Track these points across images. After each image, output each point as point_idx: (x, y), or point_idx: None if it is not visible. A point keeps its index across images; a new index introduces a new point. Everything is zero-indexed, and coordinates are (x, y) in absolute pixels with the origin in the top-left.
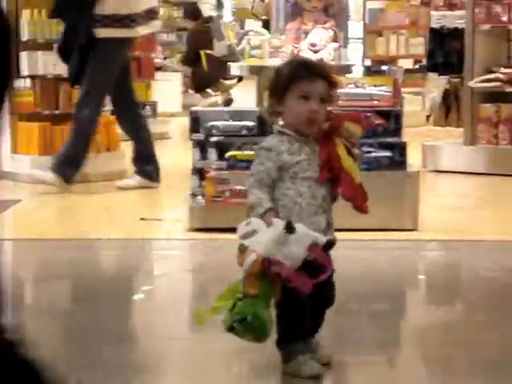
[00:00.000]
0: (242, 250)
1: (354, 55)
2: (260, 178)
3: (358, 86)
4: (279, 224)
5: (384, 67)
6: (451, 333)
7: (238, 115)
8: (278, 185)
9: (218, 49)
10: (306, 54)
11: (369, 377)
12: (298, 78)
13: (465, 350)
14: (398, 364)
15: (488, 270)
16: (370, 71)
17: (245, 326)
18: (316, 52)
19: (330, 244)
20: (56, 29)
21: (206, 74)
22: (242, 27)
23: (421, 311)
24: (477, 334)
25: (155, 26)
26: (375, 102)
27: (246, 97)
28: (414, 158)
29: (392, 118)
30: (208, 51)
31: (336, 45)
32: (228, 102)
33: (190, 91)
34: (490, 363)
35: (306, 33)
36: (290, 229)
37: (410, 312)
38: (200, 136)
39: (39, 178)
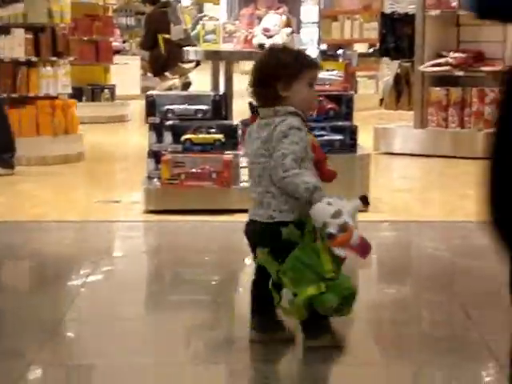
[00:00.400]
0: (344, 227)
1: (310, 39)
2: (296, 157)
3: None
4: (354, 199)
5: (340, 51)
6: (402, 311)
7: (194, 99)
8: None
9: (175, 32)
10: (260, 39)
11: (322, 355)
12: (307, 66)
13: (415, 328)
14: (350, 342)
15: (436, 249)
16: (325, 55)
17: (351, 300)
18: (270, 37)
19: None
20: (14, 13)
21: (163, 58)
22: (201, 11)
23: (371, 290)
24: (426, 312)
25: (17, 8)
26: (327, 87)
27: (202, 81)
28: (366, 141)
29: (343, 102)
30: (165, 35)
31: (289, 30)
32: (186, 86)
33: (149, 74)
34: (439, 340)
35: (260, 18)
36: (366, 202)
37: (361, 291)
38: (156, 119)
39: None
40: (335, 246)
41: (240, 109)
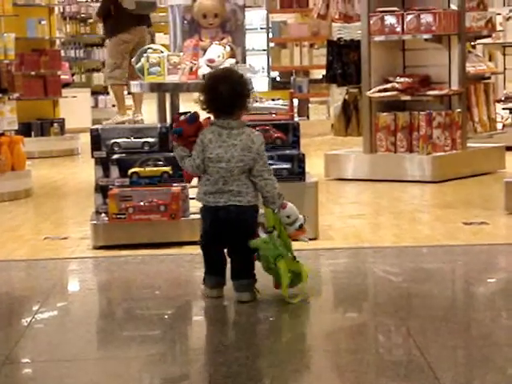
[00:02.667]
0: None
1: (261, 67)
2: None
3: (256, 101)
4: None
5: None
6: (360, 337)
7: (140, 132)
8: None
9: (127, 1)
10: (205, 70)
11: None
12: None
13: (375, 354)
14: (311, 372)
15: (388, 274)
16: (276, 82)
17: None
18: (214, 68)
19: None
20: None
21: (114, 19)
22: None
23: (327, 318)
24: (385, 337)
25: None
26: (273, 116)
27: (148, 113)
28: (318, 167)
29: (290, 131)
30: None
31: (233, 60)
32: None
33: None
34: (398, 365)
35: (204, 49)
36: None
37: (316, 320)
38: (102, 153)
39: None
40: (302, 234)
41: None
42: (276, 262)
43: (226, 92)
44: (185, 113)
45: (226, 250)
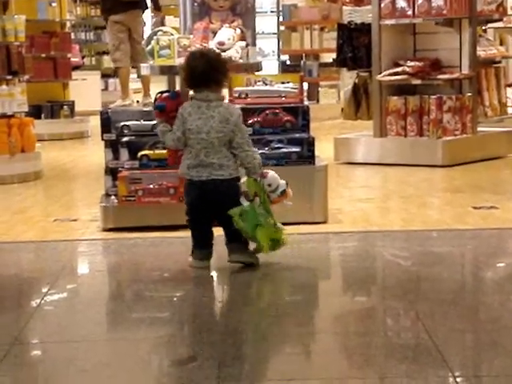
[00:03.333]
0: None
1: (271, 50)
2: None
3: (266, 84)
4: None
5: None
6: (368, 320)
7: (150, 114)
8: None
9: None
10: None
11: (288, 367)
12: None
13: (383, 337)
14: (319, 354)
15: (397, 257)
16: (286, 66)
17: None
18: (224, 51)
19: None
20: None
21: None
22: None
23: (336, 301)
24: (394, 320)
25: None
26: (282, 99)
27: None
28: (327, 151)
29: (300, 114)
30: None
31: (243, 43)
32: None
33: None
34: (407, 348)
35: (214, 32)
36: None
37: (326, 302)
38: (111, 136)
39: None
40: (285, 198)
41: None
42: (255, 231)
43: (202, 67)
44: (167, 91)
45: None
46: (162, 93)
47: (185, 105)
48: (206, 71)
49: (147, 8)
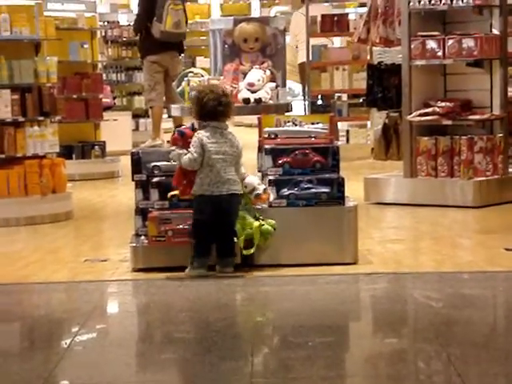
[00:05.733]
0: (265, 191)
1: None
2: None
3: (295, 124)
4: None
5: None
6: (399, 363)
7: None
8: None
9: (154, 29)
10: (245, 93)
11: None
12: None
13: (415, 381)
14: None
15: (428, 300)
16: (316, 106)
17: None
18: (254, 92)
19: None
20: None
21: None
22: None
23: (367, 344)
24: (425, 364)
25: None
26: (313, 139)
27: None
28: (357, 191)
29: (330, 154)
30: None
31: (273, 84)
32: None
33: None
34: None
35: (244, 73)
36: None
37: (356, 345)
38: (142, 176)
39: None
40: (261, 201)
41: None
42: (246, 222)
43: (213, 102)
44: (183, 125)
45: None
46: (181, 125)
47: (200, 131)
48: (218, 105)
49: (183, 50)
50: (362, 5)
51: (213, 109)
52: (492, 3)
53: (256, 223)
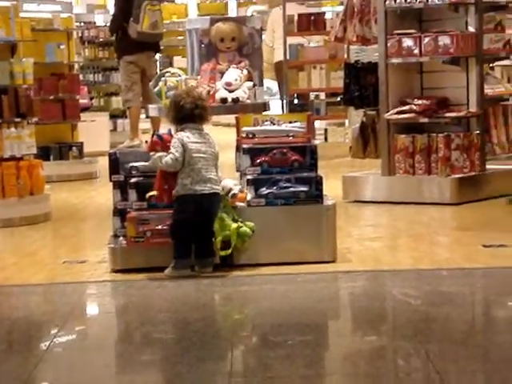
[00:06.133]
0: (241, 191)
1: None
2: None
3: (273, 123)
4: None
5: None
6: (378, 361)
7: None
8: None
9: (131, 29)
10: (222, 93)
11: None
12: None
13: (394, 378)
14: None
15: (407, 297)
16: (293, 105)
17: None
18: (231, 91)
19: None
20: None
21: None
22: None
23: (346, 341)
24: (404, 361)
25: None
26: (290, 138)
27: None
28: (336, 189)
29: (308, 153)
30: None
31: (250, 84)
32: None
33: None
34: None
35: (222, 73)
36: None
37: (335, 343)
38: (120, 177)
39: None
40: (237, 201)
41: None
42: (224, 223)
43: (190, 105)
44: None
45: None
46: (157, 131)
47: (179, 133)
48: (195, 108)
49: (160, 50)
50: (339, 4)
51: (190, 112)
52: (467, 1)
53: (234, 225)
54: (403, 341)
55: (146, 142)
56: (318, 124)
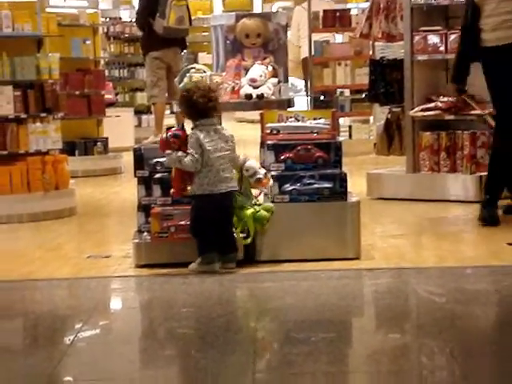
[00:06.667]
0: (265, 175)
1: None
2: None
3: (298, 120)
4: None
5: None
6: (401, 359)
7: None
8: None
9: (157, 25)
10: (247, 89)
11: None
12: None
13: (418, 376)
14: None
15: (431, 295)
16: (318, 102)
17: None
18: (256, 87)
19: None
20: (1, 70)
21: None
22: (196, 60)
23: (369, 338)
24: (428, 359)
25: None
26: (315, 135)
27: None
28: (360, 186)
29: (332, 150)
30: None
31: (275, 80)
32: None
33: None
34: None
35: (246, 69)
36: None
37: (359, 340)
38: (144, 173)
39: None
40: (262, 186)
41: None
42: (241, 213)
43: (203, 99)
44: (172, 127)
45: None
46: (169, 128)
47: (194, 131)
48: (208, 102)
49: (186, 46)
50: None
51: (203, 106)
52: None
53: (249, 212)
54: (427, 339)
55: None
56: (342, 121)
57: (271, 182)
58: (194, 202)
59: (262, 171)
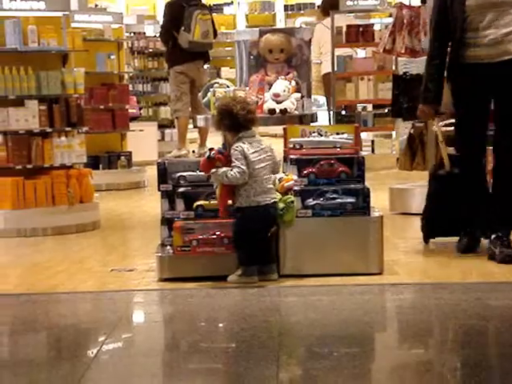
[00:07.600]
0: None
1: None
2: None
3: (320, 134)
4: None
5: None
6: (425, 374)
7: None
8: None
9: (181, 39)
10: (270, 104)
11: None
12: None
13: None
14: None
15: (454, 310)
16: (341, 116)
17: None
18: (279, 102)
19: None
20: (27, 85)
21: (170, 52)
22: (219, 75)
23: (392, 354)
24: (451, 375)
25: None
26: (338, 150)
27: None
28: (382, 201)
29: (355, 165)
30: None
31: (298, 95)
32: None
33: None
34: None
35: (270, 84)
36: None
37: (382, 355)
38: (168, 186)
39: None
40: (285, 183)
41: None
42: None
43: (242, 111)
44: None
45: None
46: (211, 148)
47: (237, 144)
48: (247, 114)
49: (209, 60)
50: (388, 16)
51: (243, 118)
52: None
53: (281, 204)
54: (450, 354)
55: (194, 151)
56: (364, 135)
57: (294, 176)
58: (239, 214)
59: (280, 174)
